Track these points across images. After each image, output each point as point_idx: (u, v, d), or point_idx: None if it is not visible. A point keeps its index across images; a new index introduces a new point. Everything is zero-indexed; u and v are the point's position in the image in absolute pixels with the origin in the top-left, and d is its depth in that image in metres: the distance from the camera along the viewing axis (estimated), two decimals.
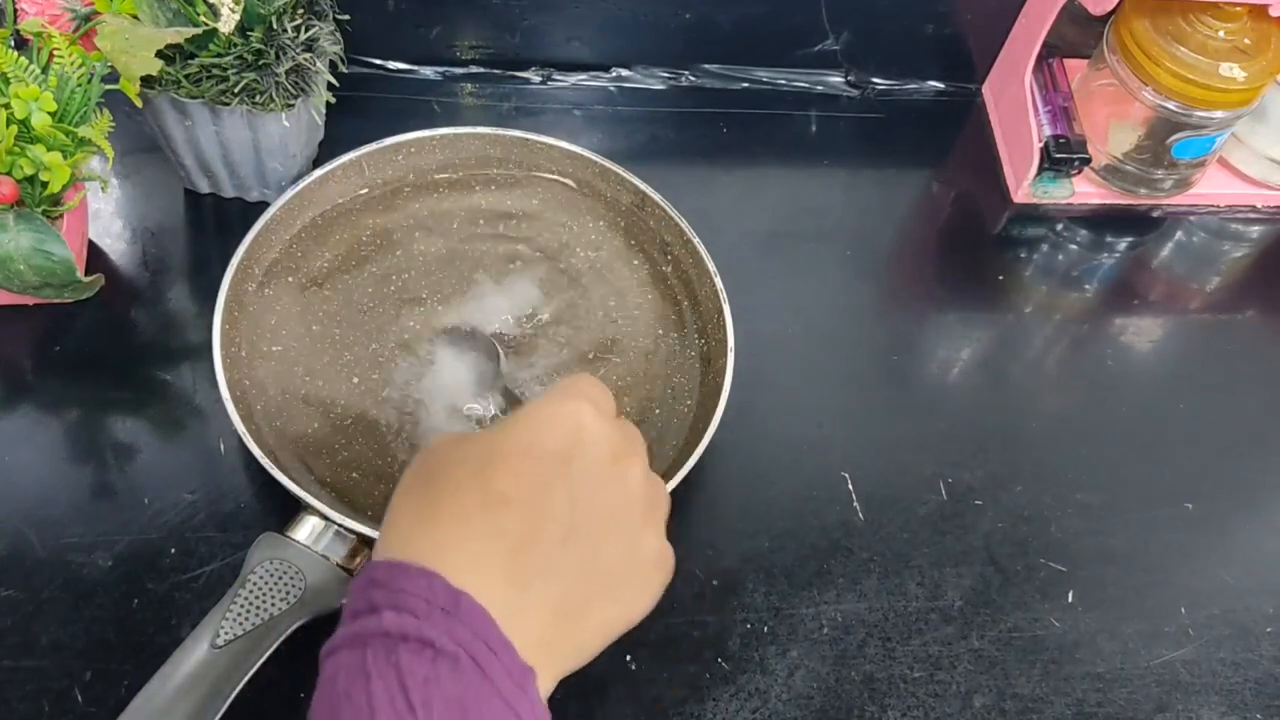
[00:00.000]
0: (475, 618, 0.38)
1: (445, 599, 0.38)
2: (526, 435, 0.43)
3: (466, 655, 0.37)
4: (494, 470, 0.42)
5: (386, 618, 0.38)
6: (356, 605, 0.39)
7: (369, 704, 0.36)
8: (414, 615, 0.38)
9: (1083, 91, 0.81)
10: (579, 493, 0.42)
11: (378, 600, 0.38)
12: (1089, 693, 0.62)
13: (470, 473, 0.42)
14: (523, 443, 0.43)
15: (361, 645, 0.38)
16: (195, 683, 0.51)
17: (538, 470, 0.42)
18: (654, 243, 0.70)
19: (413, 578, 0.39)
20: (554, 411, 0.44)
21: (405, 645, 0.37)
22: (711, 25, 0.79)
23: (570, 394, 0.44)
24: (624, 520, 0.44)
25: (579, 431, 0.43)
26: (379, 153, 0.68)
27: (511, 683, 0.38)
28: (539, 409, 0.44)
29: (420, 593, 0.38)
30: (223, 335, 0.60)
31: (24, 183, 0.59)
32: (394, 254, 0.67)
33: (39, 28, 0.60)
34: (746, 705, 0.59)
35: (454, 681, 0.37)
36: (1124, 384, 0.74)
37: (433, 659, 0.37)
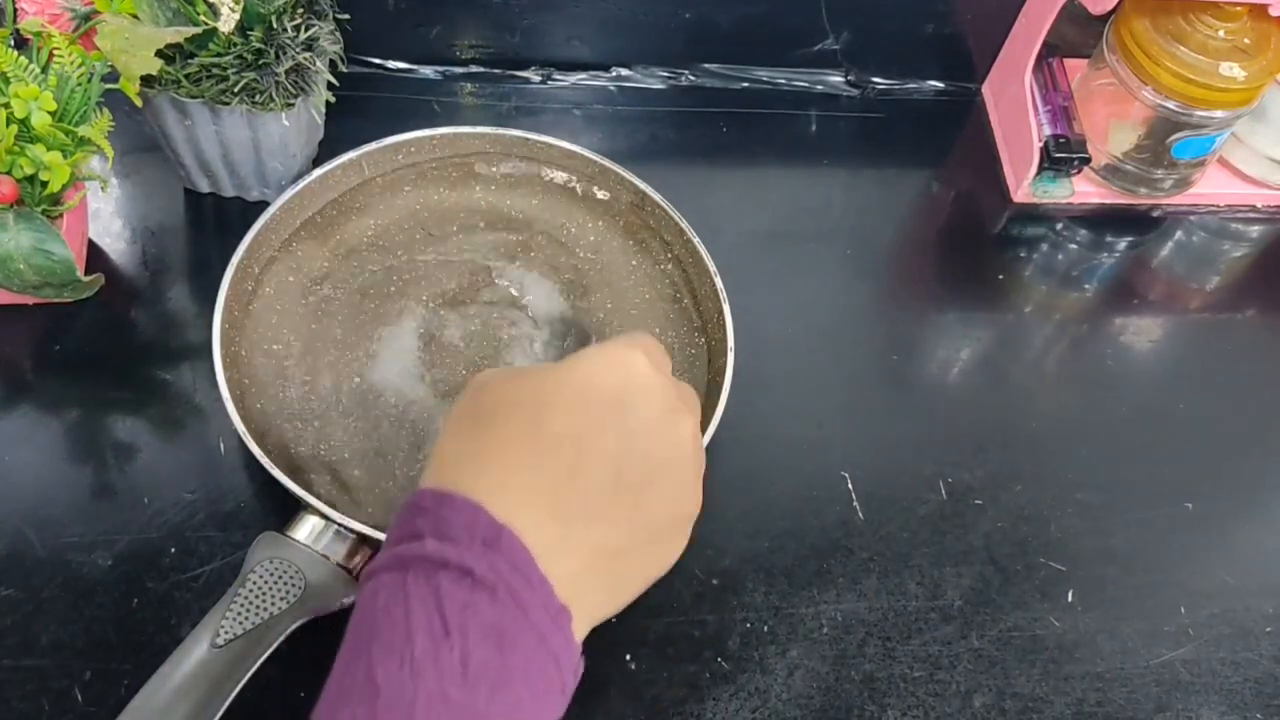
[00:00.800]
0: (515, 552, 0.38)
1: (488, 531, 0.38)
2: (581, 378, 0.43)
3: (504, 587, 0.38)
4: (547, 410, 0.42)
5: (429, 544, 0.38)
6: (400, 530, 0.40)
7: (406, 623, 0.37)
8: (455, 544, 0.38)
9: (1083, 91, 0.81)
10: (630, 439, 0.42)
11: (421, 526, 0.39)
12: (1089, 692, 0.62)
13: (524, 411, 0.42)
14: (578, 385, 0.43)
15: (403, 567, 0.38)
16: (195, 682, 0.51)
17: (591, 413, 0.42)
18: (654, 242, 0.70)
19: (457, 508, 0.39)
20: (611, 357, 0.44)
21: (445, 571, 0.37)
22: (711, 25, 0.79)
23: (629, 344, 0.45)
24: (671, 471, 0.44)
25: (635, 379, 0.43)
26: (379, 152, 0.68)
27: (547, 618, 0.38)
28: (596, 354, 0.44)
29: (464, 523, 0.39)
30: (223, 335, 0.60)
31: (24, 182, 0.60)
32: (394, 254, 0.68)
33: (39, 27, 0.60)
34: (746, 705, 0.59)
35: (491, 610, 0.37)
36: (1124, 384, 0.74)
37: (471, 587, 0.37)
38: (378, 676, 0.36)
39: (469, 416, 0.43)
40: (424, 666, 0.36)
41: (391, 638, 0.37)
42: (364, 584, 0.40)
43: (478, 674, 0.36)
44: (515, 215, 0.70)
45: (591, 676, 0.58)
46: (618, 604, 0.43)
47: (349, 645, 0.38)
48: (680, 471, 0.44)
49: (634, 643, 0.60)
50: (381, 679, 0.36)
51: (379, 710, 0.35)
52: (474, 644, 0.36)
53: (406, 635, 0.36)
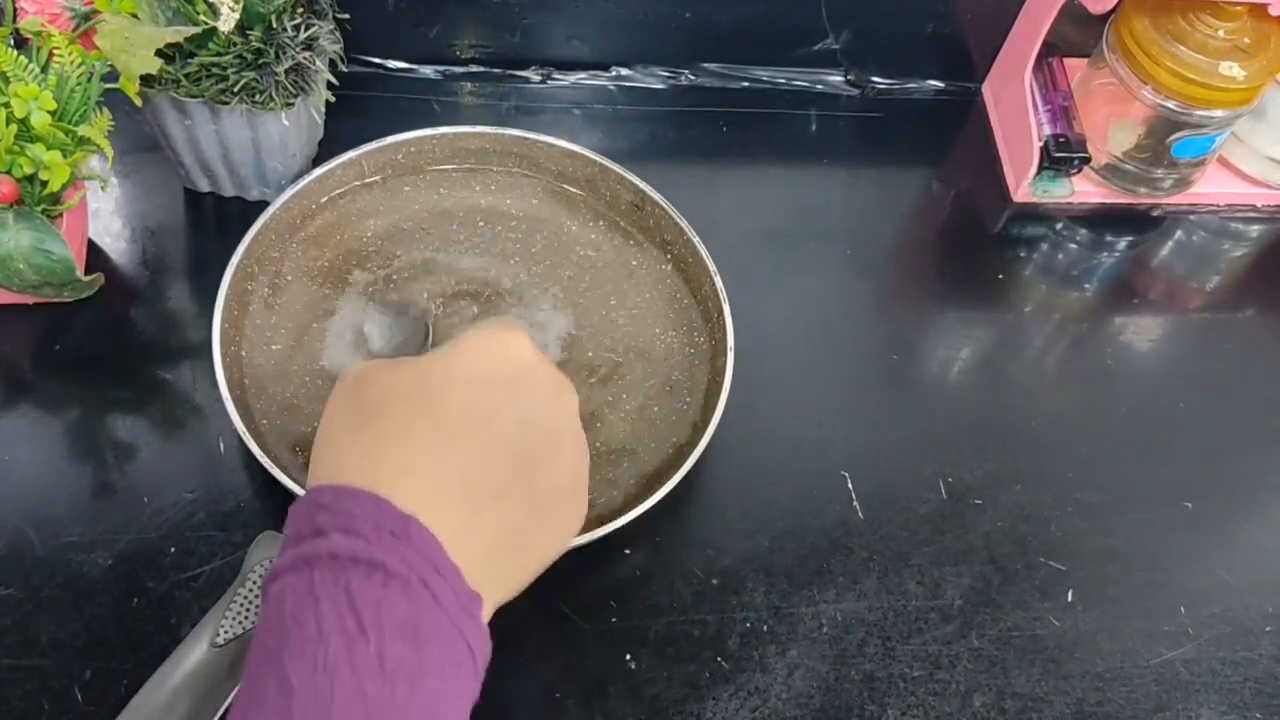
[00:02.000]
0: (424, 542, 0.38)
1: (394, 523, 0.38)
2: (470, 362, 0.43)
3: (417, 578, 0.37)
4: (440, 397, 0.41)
5: (335, 539, 0.37)
6: (300, 528, 0.38)
7: (318, 627, 0.36)
8: (363, 538, 0.37)
9: (1082, 91, 0.81)
10: (524, 418, 0.42)
11: (323, 523, 0.38)
12: (1089, 692, 0.62)
13: (415, 400, 0.41)
14: (468, 369, 0.42)
15: (308, 568, 0.37)
16: (195, 681, 0.51)
17: (486, 396, 0.42)
18: (654, 242, 0.70)
19: (360, 502, 0.38)
20: (497, 340, 0.44)
21: (355, 568, 0.36)
22: (711, 24, 0.79)
23: (505, 326, 0.44)
24: (563, 444, 0.44)
25: (521, 360, 0.43)
26: (379, 152, 0.68)
27: (459, 607, 0.38)
28: (478, 338, 0.44)
29: (369, 515, 0.38)
30: (223, 335, 0.60)
31: (24, 182, 0.59)
32: (394, 253, 0.68)
33: (38, 27, 0.60)
34: (746, 704, 0.59)
35: (405, 604, 0.36)
36: (1124, 383, 0.74)
37: (383, 581, 0.36)
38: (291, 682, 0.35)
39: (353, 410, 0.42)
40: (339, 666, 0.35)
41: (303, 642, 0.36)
42: (268, 587, 0.38)
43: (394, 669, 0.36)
44: (515, 215, 0.70)
45: (591, 676, 0.59)
46: (522, 583, 0.43)
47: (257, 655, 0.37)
48: (571, 444, 0.44)
49: (634, 643, 0.60)
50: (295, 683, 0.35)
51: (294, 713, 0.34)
52: (389, 639, 0.36)
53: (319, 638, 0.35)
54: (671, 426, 0.64)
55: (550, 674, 0.58)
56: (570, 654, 0.59)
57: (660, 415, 0.64)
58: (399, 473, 0.39)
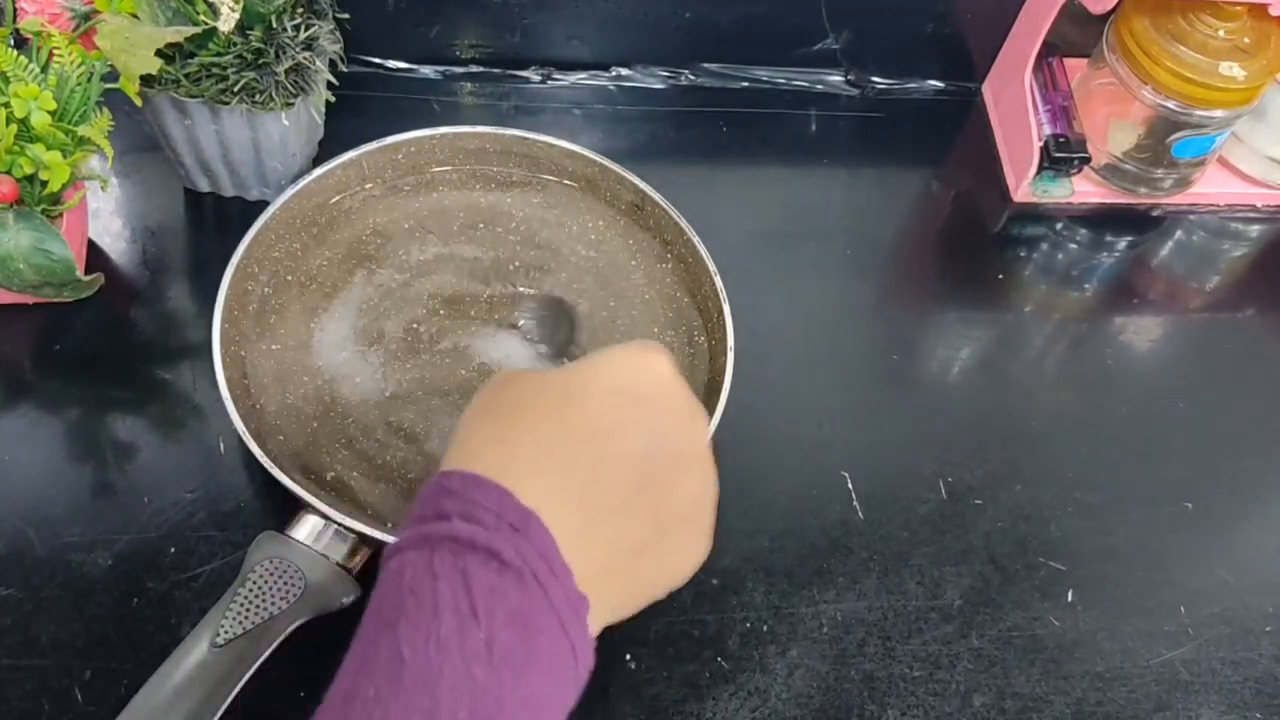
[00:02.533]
0: (541, 538, 0.38)
1: (515, 516, 0.38)
2: (609, 375, 0.43)
3: (530, 572, 0.38)
4: (576, 405, 0.42)
5: (457, 525, 0.38)
6: (425, 510, 0.40)
7: (434, 603, 0.37)
8: (483, 526, 0.38)
9: (1082, 91, 0.81)
10: (655, 437, 0.43)
11: (448, 508, 0.39)
12: (1089, 692, 0.62)
13: (551, 405, 0.42)
14: (605, 382, 0.43)
15: (429, 547, 0.38)
16: (195, 682, 0.51)
17: (618, 409, 0.42)
18: (654, 242, 0.70)
19: (485, 490, 0.39)
20: (638, 357, 0.44)
21: (473, 553, 0.37)
22: (711, 24, 0.79)
23: (650, 346, 0.45)
24: (691, 470, 0.44)
25: (660, 379, 0.44)
26: (379, 152, 0.68)
27: (568, 606, 0.38)
28: (622, 353, 0.44)
29: (491, 505, 0.39)
30: (223, 335, 0.60)
31: (24, 181, 0.59)
32: (394, 253, 0.68)
33: (38, 27, 0.60)
34: (746, 704, 0.59)
35: (517, 595, 0.37)
36: (1124, 384, 0.74)
37: (498, 570, 0.37)
38: (404, 652, 0.36)
39: (492, 407, 0.43)
40: (450, 645, 0.36)
41: (418, 615, 0.37)
42: (387, 560, 0.39)
43: (502, 657, 0.36)
44: (515, 215, 0.70)
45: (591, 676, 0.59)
46: (635, 604, 0.43)
47: (372, 620, 0.38)
48: (700, 471, 0.44)
49: (634, 642, 0.60)
50: (408, 655, 0.36)
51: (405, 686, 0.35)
52: (500, 627, 0.37)
53: (434, 613, 0.36)
54: None
55: None
56: None
57: None
58: (525, 469, 0.40)
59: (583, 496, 0.41)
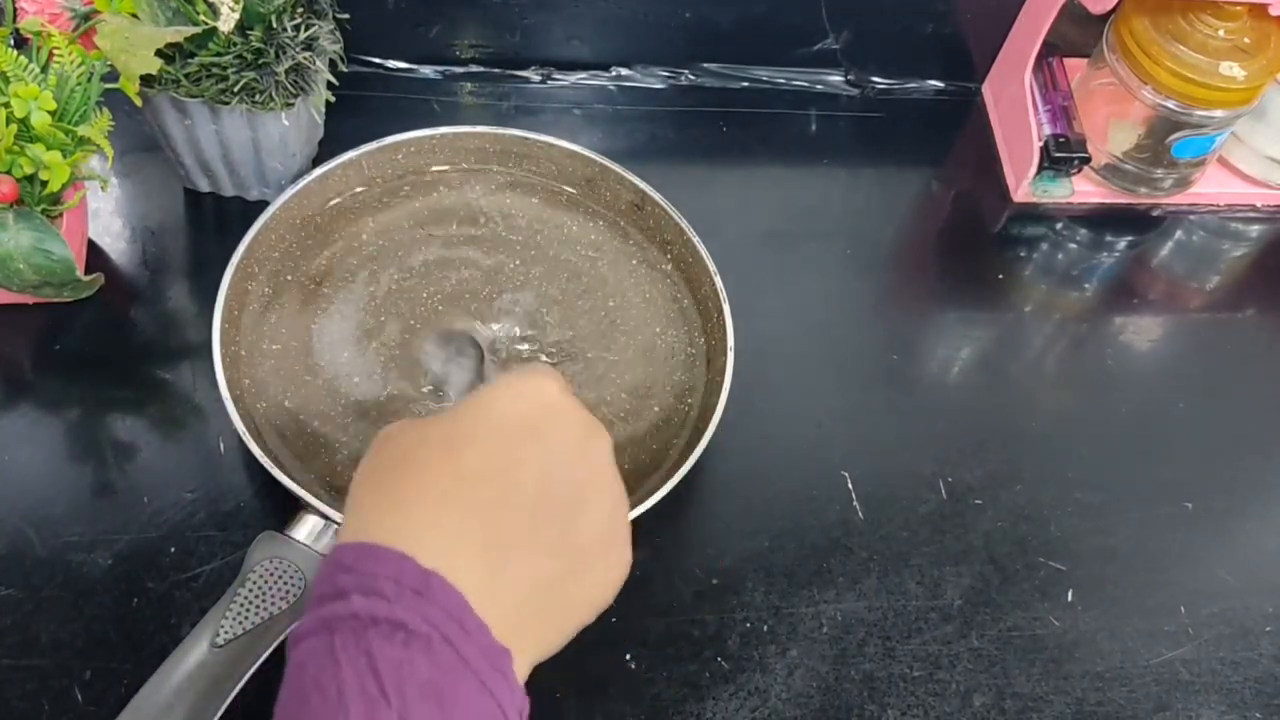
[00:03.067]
0: (447, 598, 0.37)
1: (416, 580, 0.37)
2: (493, 412, 0.42)
3: (440, 636, 0.36)
4: (462, 448, 0.41)
5: (355, 601, 0.36)
6: (323, 590, 0.38)
7: (339, 691, 0.35)
8: (384, 598, 0.36)
9: (1082, 90, 0.81)
10: (551, 467, 0.41)
11: (345, 584, 0.37)
12: (1088, 692, 0.62)
13: (437, 453, 0.41)
14: (491, 419, 0.42)
15: (329, 631, 0.36)
16: (195, 682, 0.51)
17: (508, 445, 0.41)
18: (654, 242, 0.70)
19: (381, 559, 0.37)
20: (521, 387, 0.43)
21: (375, 628, 0.36)
22: (711, 24, 0.79)
23: (536, 372, 0.44)
24: (595, 493, 0.43)
25: (548, 407, 0.42)
26: (379, 152, 0.68)
27: (487, 663, 0.37)
28: (505, 386, 0.43)
29: (390, 574, 0.37)
30: (223, 335, 0.60)
31: (24, 181, 0.59)
32: (394, 253, 0.68)
33: (39, 26, 0.60)
34: (746, 704, 0.59)
35: (427, 664, 0.35)
36: (1124, 384, 0.74)
37: (405, 641, 0.35)
38: None
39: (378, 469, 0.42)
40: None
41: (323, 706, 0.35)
42: (290, 651, 0.37)
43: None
44: (515, 215, 0.70)
45: (591, 676, 0.59)
46: (561, 637, 0.42)
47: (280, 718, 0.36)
48: (603, 492, 0.43)
49: (634, 643, 0.60)
50: None
51: None
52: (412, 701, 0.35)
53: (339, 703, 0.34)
54: (672, 426, 0.64)
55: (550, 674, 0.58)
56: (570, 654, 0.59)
57: (660, 415, 0.64)
58: (421, 528, 0.39)
59: (485, 544, 0.39)
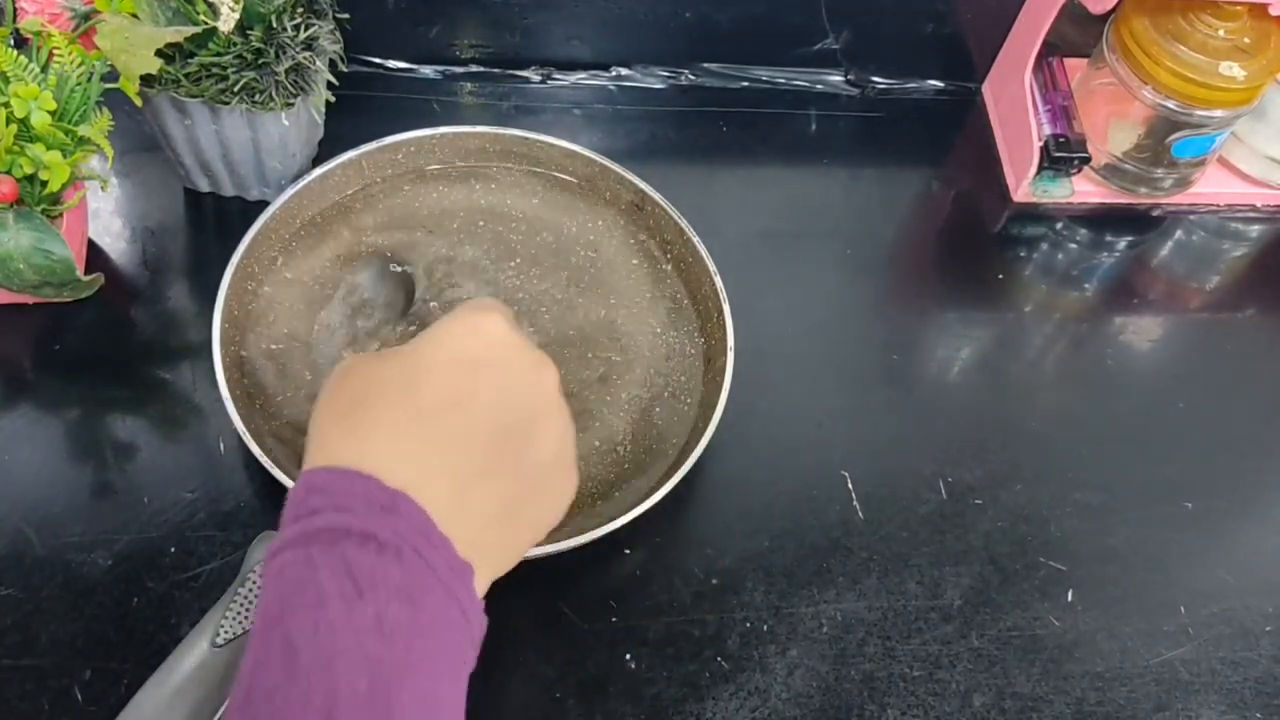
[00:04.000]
0: (414, 515, 0.39)
1: (383, 498, 0.39)
2: (447, 346, 0.44)
3: (409, 547, 0.38)
4: (420, 382, 0.43)
5: (329, 515, 0.39)
6: (296, 511, 0.40)
7: (318, 592, 0.37)
8: (355, 514, 0.39)
9: (1082, 90, 0.81)
10: (506, 396, 0.44)
11: (317, 504, 0.39)
12: (1088, 692, 0.62)
13: (398, 389, 0.43)
14: (446, 354, 0.44)
15: (305, 543, 0.39)
16: (195, 681, 0.51)
17: (465, 378, 0.43)
18: (654, 242, 0.70)
19: (350, 480, 0.40)
20: (473, 322, 0.45)
21: (349, 539, 0.38)
22: (711, 24, 0.79)
23: (483, 307, 0.46)
24: (546, 418, 0.45)
25: (497, 339, 0.45)
26: (379, 152, 0.68)
27: (452, 574, 0.39)
28: (454, 322, 0.45)
29: (359, 493, 0.39)
30: (223, 335, 0.60)
31: (23, 181, 0.59)
32: (394, 253, 0.67)
33: (38, 26, 0.60)
34: (746, 704, 0.59)
35: (399, 570, 0.38)
36: (1124, 384, 0.74)
37: (377, 550, 0.38)
38: (296, 641, 0.36)
39: (340, 399, 0.44)
40: (339, 626, 0.37)
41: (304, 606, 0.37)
42: (268, 564, 0.40)
43: (393, 628, 0.37)
44: (515, 215, 0.70)
45: (591, 675, 0.59)
46: (514, 556, 0.45)
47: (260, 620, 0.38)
48: (554, 416, 0.46)
49: (634, 642, 0.60)
50: (300, 643, 0.36)
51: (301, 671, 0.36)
52: (385, 601, 0.37)
53: (319, 602, 0.37)
54: (671, 426, 0.64)
55: (550, 674, 0.58)
56: (570, 654, 0.59)
57: (660, 415, 0.64)
58: (384, 455, 0.41)
59: (446, 469, 0.41)
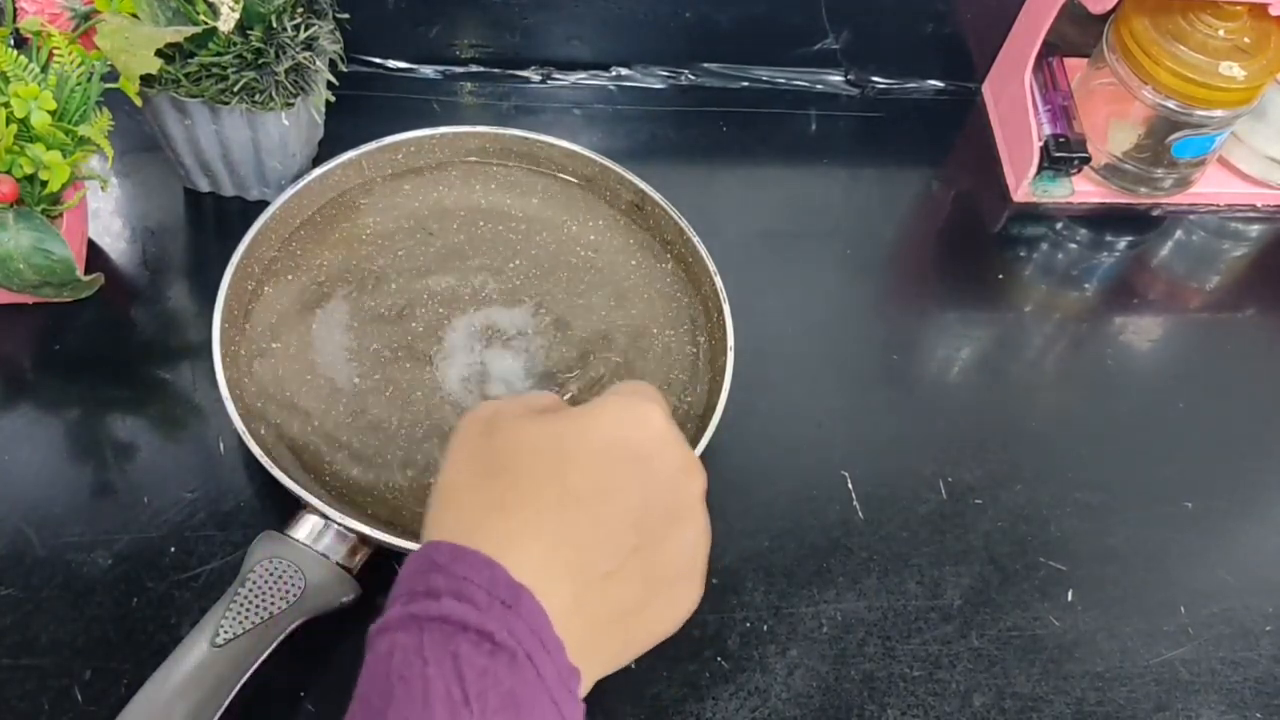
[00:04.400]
0: (533, 614, 0.38)
1: (506, 592, 0.38)
2: (603, 432, 0.42)
3: (523, 652, 0.37)
4: (571, 463, 0.41)
5: (446, 604, 0.37)
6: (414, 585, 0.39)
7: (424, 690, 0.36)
8: (474, 605, 0.37)
9: (1082, 90, 0.81)
10: (650, 495, 0.42)
11: (438, 585, 0.38)
12: (1088, 691, 0.62)
13: (545, 462, 0.41)
14: (600, 439, 0.42)
15: (419, 628, 0.37)
16: (195, 681, 0.51)
17: (615, 471, 0.41)
18: (654, 242, 0.70)
19: (476, 567, 0.38)
20: (632, 413, 0.43)
21: (464, 635, 0.37)
22: (711, 24, 0.79)
23: (644, 397, 0.44)
24: (685, 526, 0.43)
25: (655, 434, 0.43)
26: (379, 152, 0.68)
27: (559, 682, 0.38)
28: (615, 406, 0.43)
29: (482, 583, 0.38)
30: (223, 335, 0.60)
31: (23, 181, 0.59)
32: (394, 253, 0.68)
33: (38, 26, 0.60)
34: (746, 704, 0.59)
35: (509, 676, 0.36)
36: (1124, 384, 0.74)
37: (490, 652, 0.37)
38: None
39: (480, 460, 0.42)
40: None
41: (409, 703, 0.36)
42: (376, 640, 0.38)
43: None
44: (515, 215, 0.70)
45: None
46: (624, 660, 0.43)
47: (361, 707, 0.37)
48: (693, 526, 0.44)
49: None
50: None
51: None
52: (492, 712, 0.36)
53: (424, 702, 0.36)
54: None
55: None
56: None
57: None
58: (517, 538, 0.39)
59: (576, 563, 0.40)
